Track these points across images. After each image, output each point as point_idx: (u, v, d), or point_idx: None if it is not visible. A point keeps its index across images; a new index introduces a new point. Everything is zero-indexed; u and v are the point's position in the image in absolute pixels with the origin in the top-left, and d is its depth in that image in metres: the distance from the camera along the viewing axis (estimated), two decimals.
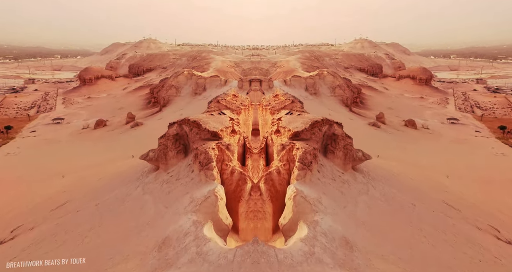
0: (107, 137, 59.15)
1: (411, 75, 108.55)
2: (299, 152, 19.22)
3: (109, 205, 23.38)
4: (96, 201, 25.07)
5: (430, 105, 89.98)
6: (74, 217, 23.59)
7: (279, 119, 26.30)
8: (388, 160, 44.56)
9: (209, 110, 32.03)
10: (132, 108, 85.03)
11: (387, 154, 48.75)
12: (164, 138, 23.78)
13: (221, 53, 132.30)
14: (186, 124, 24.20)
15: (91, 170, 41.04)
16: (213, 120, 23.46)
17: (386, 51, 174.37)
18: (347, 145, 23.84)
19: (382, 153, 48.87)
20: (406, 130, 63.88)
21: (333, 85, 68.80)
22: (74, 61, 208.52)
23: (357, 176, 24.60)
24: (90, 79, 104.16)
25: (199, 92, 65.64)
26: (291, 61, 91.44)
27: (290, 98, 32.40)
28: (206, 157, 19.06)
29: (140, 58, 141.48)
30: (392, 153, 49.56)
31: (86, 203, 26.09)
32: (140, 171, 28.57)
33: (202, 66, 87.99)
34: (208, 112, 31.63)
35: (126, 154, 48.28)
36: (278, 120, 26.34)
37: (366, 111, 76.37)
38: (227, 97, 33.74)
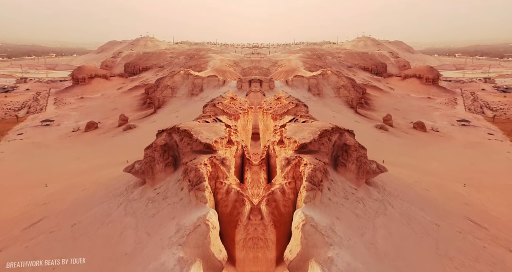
0: (97, 140, 56.30)
1: (417, 74, 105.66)
2: (308, 169, 16.36)
3: (86, 227, 20.53)
4: (74, 220, 22.22)
5: (438, 105, 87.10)
6: (46, 240, 20.72)
7: (283, 126, 23.42)
8: (399, 166, 41.73)
9: (204, 115, 29.18)
10: (126, 109, 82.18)
11: (398, 160, 45.89)
12: (150, 149, 20.90)
13: (220, 51, 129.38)
14: (176, 133, 21.32)
15: (77, 179, 38.24)
16: (207, 129, 20.57)
17: (390, 49, 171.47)
18: (360, 157, 20.97)
19: (392, 159, 46.02)
20: (415, 133, 61.03)
21: (337, 85, 65.94)
22: (69, 60, 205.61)
23: (372, 192, 21.74)
24: (83, 79, 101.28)
25: (196, 93, 62.80)
26: (292, 60, 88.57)
27: (294, 102, 29.53)
28: (197, 175, 16.20)
29: (136, 56, 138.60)
30: (403, 159, 46.73)
31: (62, 221, 23.27)
32: (125, 184, 25.72)
33: (199, 65, 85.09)
34: (203, 117, 28.81)
35: (117, 160, 45.42)
36: (282, 128, 23.46)
37: (372, 113, 73.51)
38: (224, 100, 30.88)
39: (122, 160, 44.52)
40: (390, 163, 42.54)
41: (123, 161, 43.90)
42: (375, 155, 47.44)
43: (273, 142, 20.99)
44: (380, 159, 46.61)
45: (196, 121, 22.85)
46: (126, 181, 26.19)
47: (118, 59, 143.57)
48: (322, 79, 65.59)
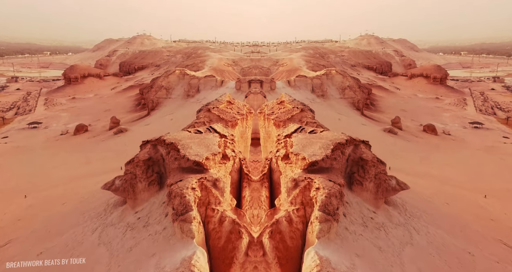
0: (86, 145, 53.25)
1: (424, 74, 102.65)
2: (321, 195, 13.33)
3: (54, 256, 17.52)
4: (42, 246, 19.22)
5: (447, 106, 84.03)
6: None
7: (288, 137, 20.38)
8: (413, 175, 38.69)
9: (197, 121, 26.16)
10: (119, 110, 79.09)
11: (410, 167, 42.84)
12: (131, 164, 17.89)
13: (218, 50, 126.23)
14: (162, 145, 18.26)
15: (59, 189, 35.27)
16: (198, 142, 17.52)
17: (394, 47, 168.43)
18: (379, 173, 17.95)
19: (404, 166, 42.96)
20: (426, 137, 57.98)
21: (342, 86, 62.89)
22: (64, 58, 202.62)
23: (392, 214, 18.73)
24: (75, 78, 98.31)
25: (192, 94, 59.75)
26: (294, 59, 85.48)
27: (299, 106, 26.52)
28: (182, 203, 13.17)
29: (132, 55, 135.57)
30: (415, 167, 43.69)
31: (30, 247, 20.27)
32: (105, 202, 22.71)
33: (196, 64, 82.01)
34: (195, 124, 25.81)
35: (105, 167, 42.34)
36: (286, 138, 20.41)
37: (379, 115, 70.45)
38: (220, 105, 27.85)
39: (110, 168, 41.47)
40: (403, 172, 39.51)
41: (112, 169, 40.83)
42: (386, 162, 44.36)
43: (277, 157, 17.95)
44: (391, 167, 43.63)
45: (186, 130, 19.81)
46: (106, 199, 23.17)
47: (113, 57, 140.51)
48: (326, 79, 62.54)
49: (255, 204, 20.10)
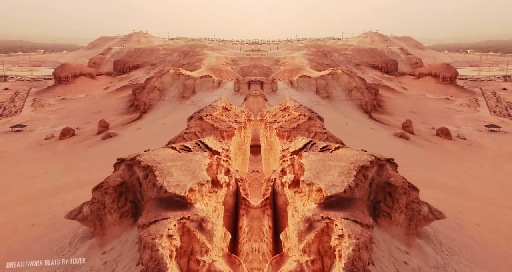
0: (71, 151, 49.68)
1: (433, 73, 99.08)
2: (346, 247, 9.77)
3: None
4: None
5: (458, 107, 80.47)
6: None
7: (295, 153, 16.83)
8: (431, 187, 35.05)
9: (187, 131, 22.63)
10: (111, 112, 75.60)
11: (427, 177, 39.20)
12: (99, 191, 14.38)
13: (217, 48, 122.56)
14: (138, 167, 14.69)
15: (33, 205, 31.67)
16: (182, 165, 13.92)
17: (399, 45, 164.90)
18: (412, 203, 14.44)
19: (420, 176, 39.31)
20: (440, 142, 54.44)
21: (349, 86, 59.30)
22: (58, 56, 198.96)
23: (428, 253, 15.18)
24: (66, 77, 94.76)
25: (187, 96, 56.15)
26: (297, 58, 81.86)
27: (306, 114, 22.98)
28: (154, 258, 9.63)
29: (127, 53, 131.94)
30: (432, 176, 40.09)
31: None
32: (73, 231, 19.20)
33: (193, 63, 78.36)
34: (185, 135, 22.32)
35: (89, 177, 38.64)
36: (293, 155, 16.88)
37: (387, 117, 66.90)
38: (215, 112, 24.31)
39: (94, 178, 37.98)
40: (419, 183, 36.00)
41: (96, 180, 37.46)
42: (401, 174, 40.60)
43: (283, 182, 14.43)
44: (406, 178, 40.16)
45: (169, 147, 16.26)
46: (75, 226, 19.64)
47: (107, 56, 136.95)
48: (331, 79, 58.93)
49: (255, 235, 16.59)
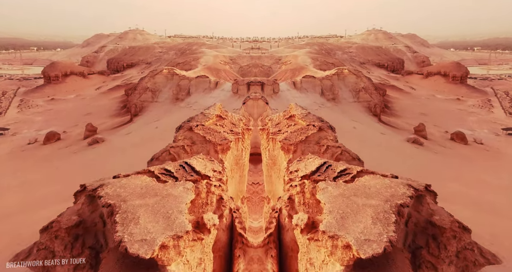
0: (55, 158, 46.35)
1: (442, 72, 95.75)
2: None
3: None
4: None
5: (471, 109, 77.10)
6: None
7: (306, 178, 13.59)
8: (452, 202, 31.73)
9: (173, 145, 19.39)
10: (101, 114, 72.29)
11: (446, 188, 35.58)
12: (48, 234, 11.18)
13: (215, 46, 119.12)
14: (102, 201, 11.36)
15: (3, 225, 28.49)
16: (155, 204, 10.57)
17: (404, 43, 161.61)
18: (464, 250, 11.20)
19: (438, 187, 36.05)
20: (455, 147, 51.12)
21: (356, 87, 55.95)
22: (51, 54, 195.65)
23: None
24: (56, 77, 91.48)
25: (182, 98, 52.78)
26: (299, 56, 78.43)
27: (315, 124, 19.72)
28: None
29: (121, 51, 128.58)
30: (451, 187, 36.60)
31: None
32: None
33: (189, 62, 74.95)
34: (171, 149, 19.07)
35: (71, 188, 35.48)
36: (305, 181, 13.67)
37: (396, 120, 63.56)
38: (207, 121, 21.02)
39: (74, 190, 34.78)
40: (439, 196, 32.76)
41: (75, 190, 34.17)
42: None
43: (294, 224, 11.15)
44: None
45: (147, 172, 12.96)
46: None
47: (101, 54, 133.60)
48: (337, 80, 55.55)
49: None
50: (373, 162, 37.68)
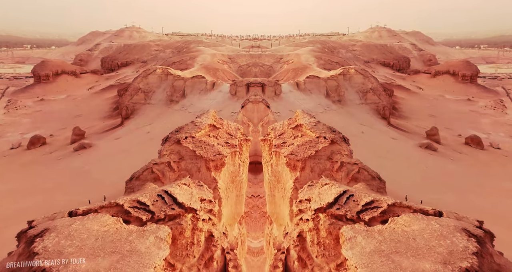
0: (38, 165, 43.33)
1: (451, 71, 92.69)
2: None
3: None
4: None
5: (483, 110, 74.02)
6: None
7: (321, 212, 10.71)
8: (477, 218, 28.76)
9: (157, 162, 16.45)
10: (92, 116, 69.32)
11: (465, 201, 32.78)
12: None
13: (213, 44, 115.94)
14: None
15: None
16: (109, 266, 7.47)
17: (408, 41, 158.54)
18: None
19: (460, 202, 33.14)
20: (471, 152, 48.09)
21: (363, 88, 52.90)
22: (45, 52, 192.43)
23: None
24: (46, 76, 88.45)
25: (176, 99, 49.72)
26: (302, 55, 75.31)
27: (327, 136, 16.77)
28: None
29: (116, 49, 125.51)
30: (470, 199, 33.68)
31: None
32: None
33: (184, 61, 71.85)
34: (154, 166, 16.19)
35: (51, 201, 32.50)
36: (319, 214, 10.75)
37: (405, 122, 60.51)
38: (199, 131, 18.03)
39: (56, 203, 31.71)
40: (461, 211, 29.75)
41: (58, 205, 31.20)
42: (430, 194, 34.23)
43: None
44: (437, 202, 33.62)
45: (110, 208, 10.01)
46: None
47: (95, 52, 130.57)
48: (343, 80, 52.49)
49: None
50: (385, 171, 34.56)
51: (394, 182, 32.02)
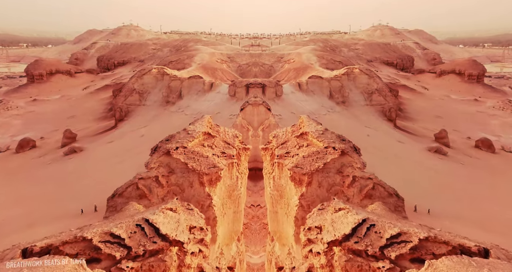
0: (24, 170, 41.35)
1: (457, 70, 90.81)
2: None
3: None
4: None
5: (491, 111, 72.06)
6: None
7: (336, 245, 8.57)
8: (493, 231, 26.80)
9: (143, 176, 14.58)
10: (86, 117, 67.37)
11: (482, 213, 30.86)
12: None
13: (212, 43, 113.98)
14: None
15: None
16: None
17: (412, 39, 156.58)
18: None
19: (474, 213, 31.18)
20: (482, 156, 46.15)
21: (368, 89, 50.95)
22: (41, 51, 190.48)
23: None
24: (40, 75, 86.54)
25: (173, 101, 47.77)
26: (304, 54, 73.34)
27: (336, 146, 14.85)
28: None
29: (113, 48, 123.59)
30: (489, 211, 31.65)
31: None
32: None
33: (182, 60, 69.89)
34: (139, 182, 14.35)
35: (35, 214, 30.47)
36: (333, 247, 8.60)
37: (411, 124, 58.54)
38: (191, 141, 16.10)
39: (43, 213, 29.78)
40: (475, 223, 27.80)
41: (44, 214, 29.22)
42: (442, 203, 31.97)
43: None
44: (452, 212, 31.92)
45: (76, 244, 8.07)
46: None
47: (91, 51, 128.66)
48: (347, 80, 50.53)
49: None
50: (393, 177, 32.56)
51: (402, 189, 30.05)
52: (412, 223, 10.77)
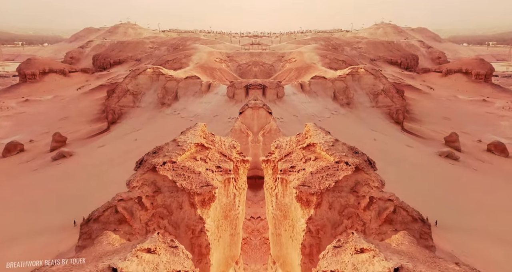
0: (10, 176, 39.28)
1: (464, 69, 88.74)
2: None
3: None
4: None
5: (501, 112, 69.95)
6: None
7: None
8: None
9: (123, 198, 12.49)
10: (79, 118, 65.30)
11: (499, 227, 28.83)
12: None
13: (211, 41, 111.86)
14: None
15: None
16: None
17: (416, 37, 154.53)
18: None
19: (491, 226, 29.11)
20: (495, 161, 44.09)
21: (374, 90, 48.88)
22: (37, 49, 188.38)
23: None
24: (33, 75, 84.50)
25: (168, 102, 45.70)
26: (305, 53, 71.22)
27: (349, 161, 12.80)
28: None
29: (109, 47, 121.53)
30: (502, 219, 29.71)
31: None
32: None
33: (179, 59, 67.79)
34: (119, 204, 12.24)
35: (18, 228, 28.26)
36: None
37: (419, 126, 56.46)
38: (182, 154, 14.04)
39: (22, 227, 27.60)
40: (494, 240, 25.70)
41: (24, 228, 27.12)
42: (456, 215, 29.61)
43: None
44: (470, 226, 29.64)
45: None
46: None
47: (87, 49, 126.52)
48: (352, 81, 48.45)
49: None
50: (402, 184, 30.53)
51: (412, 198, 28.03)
52: (448, 264, 8.76)
